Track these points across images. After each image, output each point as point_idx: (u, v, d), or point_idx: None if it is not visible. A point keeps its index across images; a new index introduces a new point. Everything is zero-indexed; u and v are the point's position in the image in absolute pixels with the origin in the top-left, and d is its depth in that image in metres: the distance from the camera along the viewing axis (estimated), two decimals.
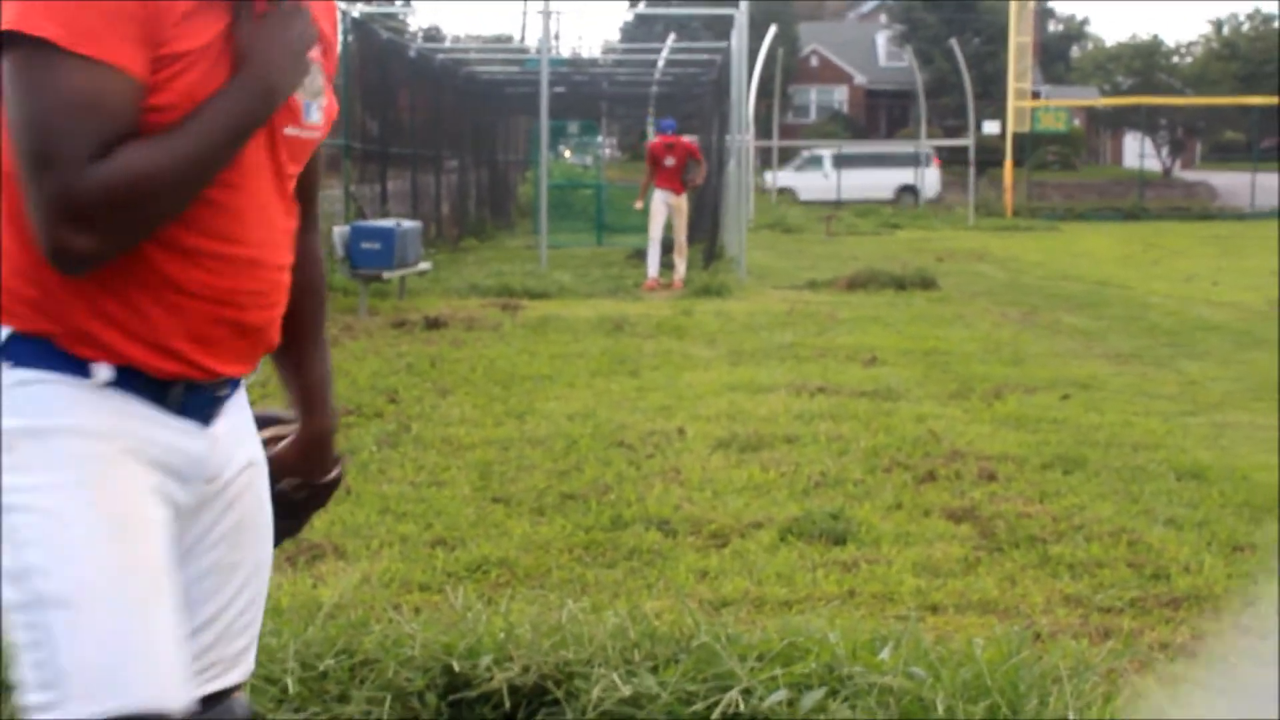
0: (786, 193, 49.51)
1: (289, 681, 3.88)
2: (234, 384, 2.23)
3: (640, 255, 23.37)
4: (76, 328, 1.97)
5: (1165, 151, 65.12)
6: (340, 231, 16.01)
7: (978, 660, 3.91)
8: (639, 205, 20.05)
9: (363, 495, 7.03)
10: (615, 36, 74.36)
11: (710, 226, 21.99)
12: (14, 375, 1.96)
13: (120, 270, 1.95)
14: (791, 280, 19.53)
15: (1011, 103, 42.66)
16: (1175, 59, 72.04)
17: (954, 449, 8.15)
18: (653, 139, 21.82)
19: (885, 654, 4.02)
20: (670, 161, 18.98)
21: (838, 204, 45.98)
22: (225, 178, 2.00)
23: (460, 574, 5.73)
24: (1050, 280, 20.72)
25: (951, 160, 53.12)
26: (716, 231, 22.29)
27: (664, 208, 19.02)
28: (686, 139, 19.99)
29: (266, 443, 2.41)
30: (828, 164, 50.42)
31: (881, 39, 71.73)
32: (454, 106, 29.86)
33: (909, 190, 49.72)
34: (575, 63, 33.48)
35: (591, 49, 72.38)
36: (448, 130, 29.03)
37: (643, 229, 21.70)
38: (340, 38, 19.35)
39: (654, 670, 4.00)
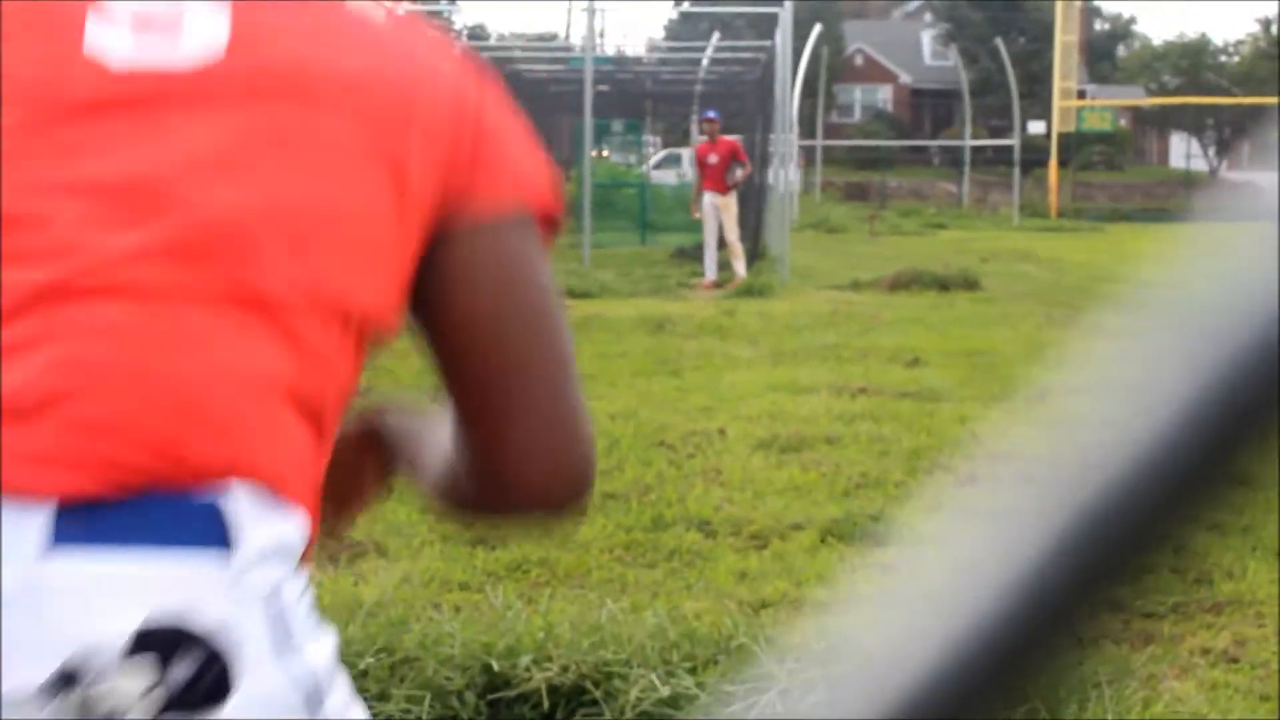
0: None
1: None
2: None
3: (683, 254, 23.40)
4: None
5: (1212, 152, 64.71)
6: None
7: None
8: (696, 214, 19.90)
9: (404, 493, 7.05)
10: (659, 35, 74.40)
11: (753, 226, 21.97)
12: None
13: None
14: (834, 280, 19.49)
15: (1057, 102, 42.48)
16: (1223, 58, 71.57)
17: (997, 451, 8.12)
18: (698, 140, 21.83)
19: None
20: (714, 159, 18.98)
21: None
22: None
23: (500, 573, 5.75)
24: (1095, 282, 20.62)
25: (996, 160, 52.92)
26: (759, 231, 22.27)
27: (711, 209, 19.03)
28: (729, 138, 19.96)
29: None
30: (686, 163, 48.58)
31: (926, 38, 71.52)
32: None
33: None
34: (619, 61, 33.48)
35: (636, 47, 72.37)
36: None
37: (685, 228, 21.72)
38: None
39: (693, 671, 4.01)
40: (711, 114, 19.68)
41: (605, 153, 36.44)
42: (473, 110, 1.53)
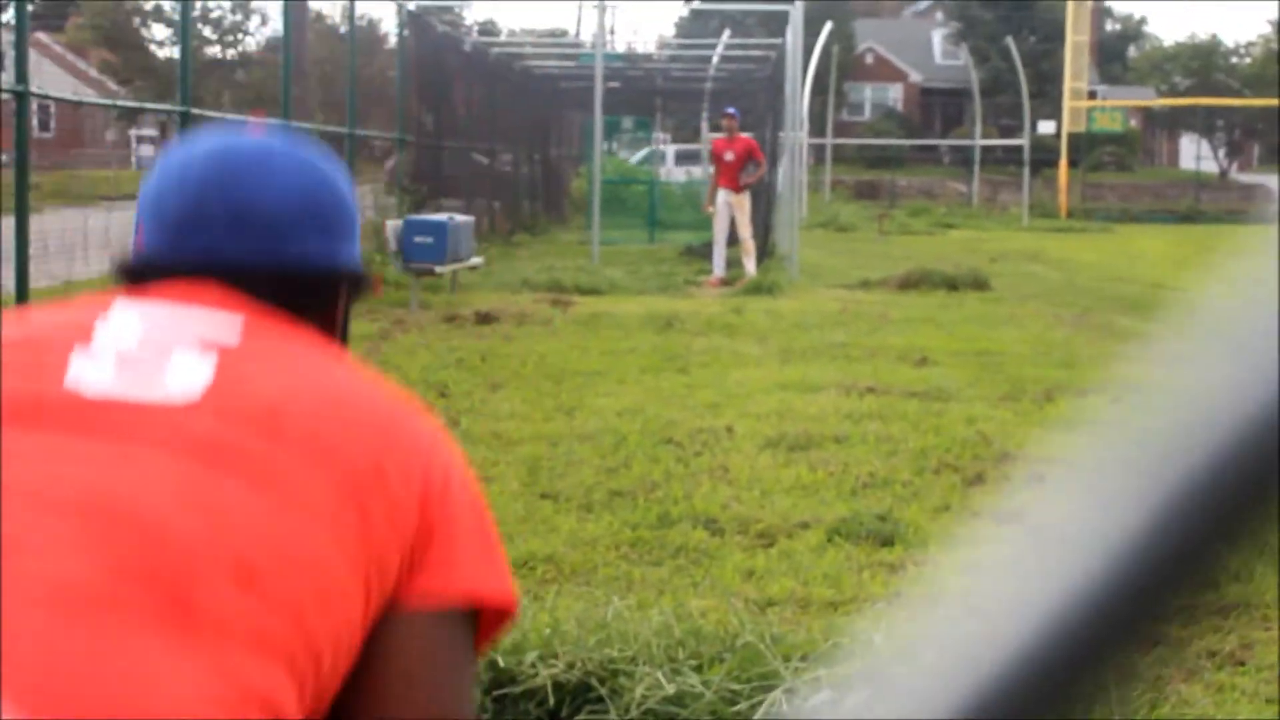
0: None
1: None
2: None
3: (691, 251, 23.40)
4: None
5: (1222, 153, 64.61)
6: (393, 225, 16.09)
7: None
8: (709, 209, 19.85)
9: None
10: (670, 32, 74.39)
11: (762, 225, 21.97)
12: None
13: None
14: (843, 279, 19.48)
15: (1067, 102, 42.41)
16: (1234, 59, 71.46)
17: (1004, 451, 8.12)
18: (709, 137, 21.80)
19: (929, 658, 4.00)
20: (730, 156, 18.99)
21: None
22: None
23: None
24: (1104, 282, 20.60)
25: (1006, 160, 52.86)
26: (769, 230, 22.26)
27: (724, 206, 19.05)
28: (747, 136, 19.95)
29: None
30: (670, 159, 48.03)
31: (937, 36, 71.43)
32: (508, 101, 29.94)
33: None
34: (630, 58, 33.47)
35: (646, 44, 72.31)
36: (501, 125, 29.11)
37: (695, 226, 21.69)
38: (397, 34, 19.27)
39: (698, 669, 4.01)
40: (731, 110, 19.68)
41: (619, 153, 36.43)
42: (439, 492, 1.60)
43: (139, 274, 1.74)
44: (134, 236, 1.78)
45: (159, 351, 1.54)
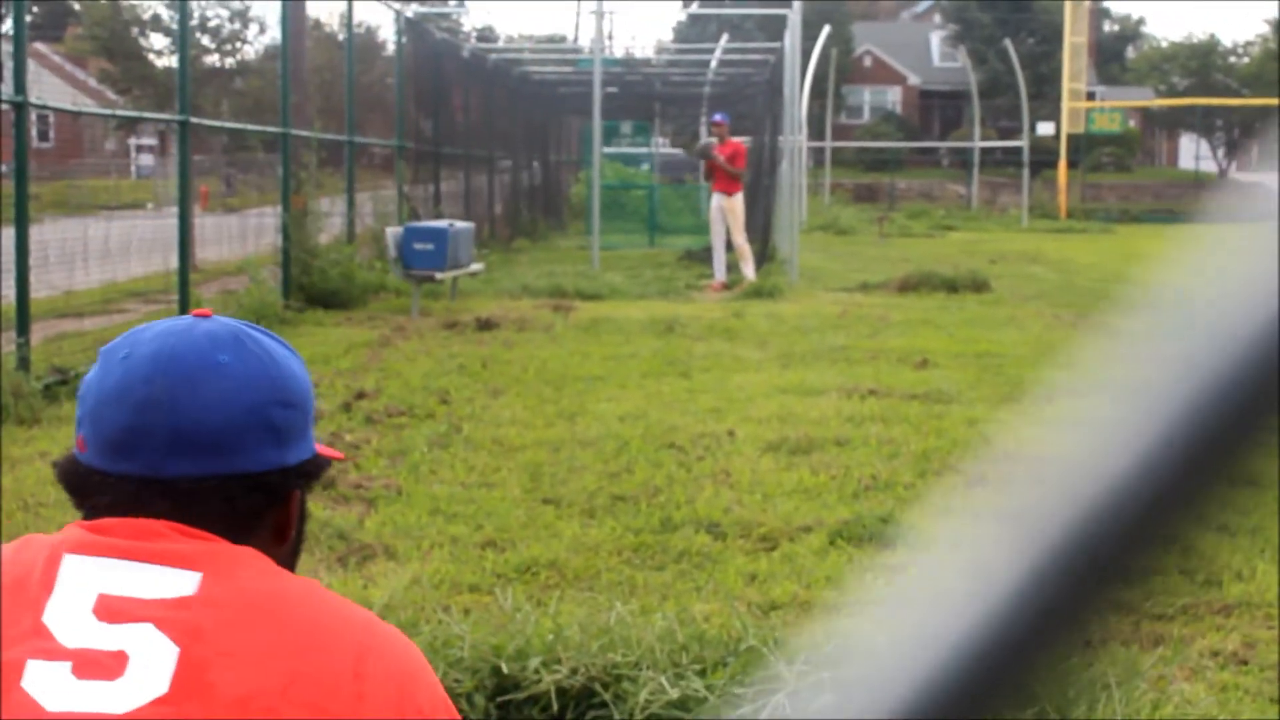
0: None
1: None
2: None
3: (691, 256, 23.42)
4: None
5: (1221, 153, 64.60)
6: (393, 232, 16.10)
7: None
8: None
9: (414, 496, 7.07)
10: (668, 36, 74.42)
11: (762, 228, 21.98)
12: None
13: None
14: (843, 282, 19.49)
15: (1066, 103, 42.42)
16: (1232, 59, 71.44)
17: (1005, 453, 8.12)
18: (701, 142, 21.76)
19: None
20: (720, 159, 18.99)
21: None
22: None
23: (510, 575, 5.76)
24: (1103, 283, 20.60)
25: (1005, 161, 52.87)
26: (768, 233, 22.27)
27: (718, 212, 19.08)
28: (737, 140, 19.94)
29: None
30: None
31: (935, 39, 71.43)
32: (507, 107, 29.96)
33: None
34: (628, 63, 33.50)
35: (644, 49, 72.34)
36: (501, 131, 29.12)
37: (694, 231, 21.68)
38: (395, 41, 19.24)
39: (702, 673, 4.01)
40: (719, 117, 19.68)
41: (646, 168, 36.40)
42: None
43: (81, 484, 1.68)
44: (76, 434, 1.71)
45: (117, 640, 1.50)
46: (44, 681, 1.47)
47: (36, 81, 11.61)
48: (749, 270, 19.11)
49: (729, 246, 19.32)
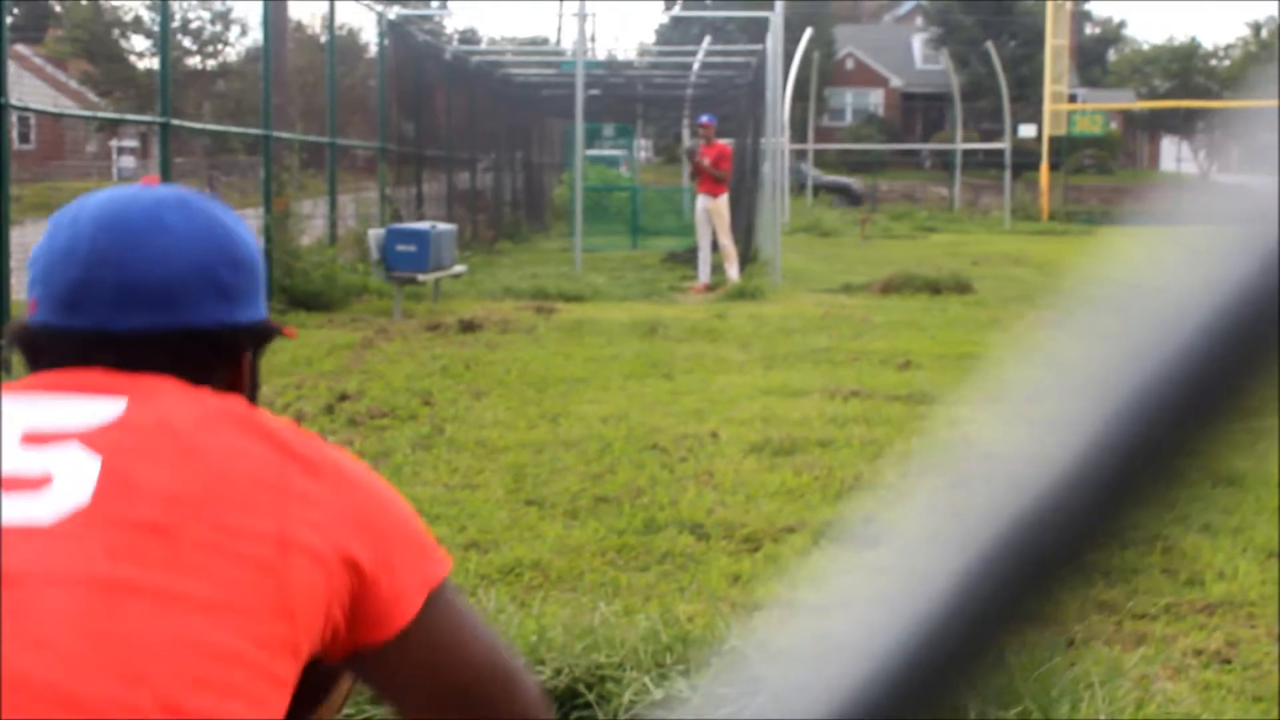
0: None
1: None
2: None
3: (674, 258, 23.43)
4: None
5: (1203, 155, 64.80)
6: (375, 234, 16.08)
7: (1010, 666, 3.90)
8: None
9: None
10: (650, 39, 74.41)
11: (745, 230, 22.00)
12: None
13: None
14: (826, 284, 19.51)
15: (1048, 106, 42.51)
16: (1213, 62, 71.68)
17: (988, 454, 8.12)
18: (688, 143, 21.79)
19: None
20: (705, 162, 19.02)
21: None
22: None
23: (493, 576, 5.75)
24: (1087, 284, 20.61)
25: (987, 163, 52.97)
26: (751, 235, 22.29)
27: (704, 213, 19.11)
28: (722, 143, 19.95)
29: None
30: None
31: (917, 42, 71.59)
32: (489, 109, 29.94)
33: None
34: (610, 65, 33.49)
35: (627, 51, 72.34)
36: (483, 132, 29.10)
37: (677, 232, 21.66)
38: (377, 43, 19.19)
39: (685, 674, 4.01)
40: (706, 119, 19.69)
41: (624, 169, 36.39)
42: (357, 526, 1.60)
43: (32, 344, 1.71)
44: (28, 299, 1.74)
45: (43, 461, 1.51)
46: None
47: (17, 83, 11.58)
48: (734, 272, 19.13)
49: (714, 248, 19.34)
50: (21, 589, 1.41)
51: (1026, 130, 48.03)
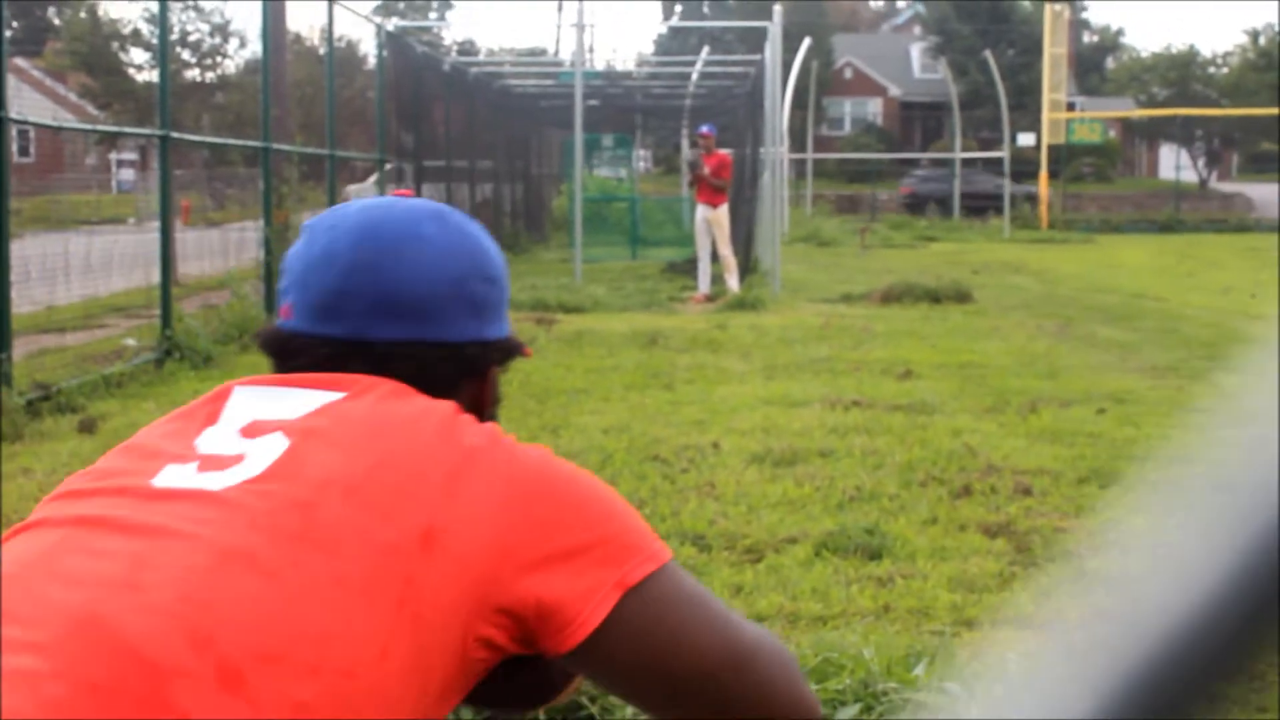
0: None
1: None
2: None
3: (673, 268, 23.43)
4: None
5: (1201, 163, 64.82)
6: None
7: (1012, 676, 3.90)
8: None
9: None
10: (649, 49, 74.46)
11: (744, 240, 22.00)
12: None
13: None
14: (826, 294, 19.51)
15: (1046, 114, 42.54)
16: (1211, 69, 71.69)
17: (989, 463, 8.12)
18: (689, 153, 21.79)
19: (920, 670, 4.01)
20: (705, 171, 19.01)
21: None
22: None
23: None
24: (1086, 293, 20.65)
25: (986, 172, 52.99)
26: (751, 245, 22.29)
27: (704, 223, 19.10)
28: (723, 152, 19.96)
29: None
30: (409, 178, 46.32)
31: (916, 51, 71.63)
32: (488, 120, 29.96)
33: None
34: (609, 76, 33.53)
35: (626, 62, 72.45)
36: (482, 143, 29.12)
37: (677, 243, 21.63)
38: (376, 55, 19.19)
39: None
40: (706, 128, 19.69)
41: (623, 172, 36.32)
42: (524, 522, 1.56)
43: (284, 349, 1.73)
44: (279, 305, 1.77)
45: (245, 446, 1.55)
46: (169, 475, 1.53)
47: (16, 96, 11.58)
48: (734, 282, 19.12)
49: (714, 258, 19.34)
50: (158, 539, 1.45)
51: (1025, 139, 48.06)
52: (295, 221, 16.77)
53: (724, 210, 19.19)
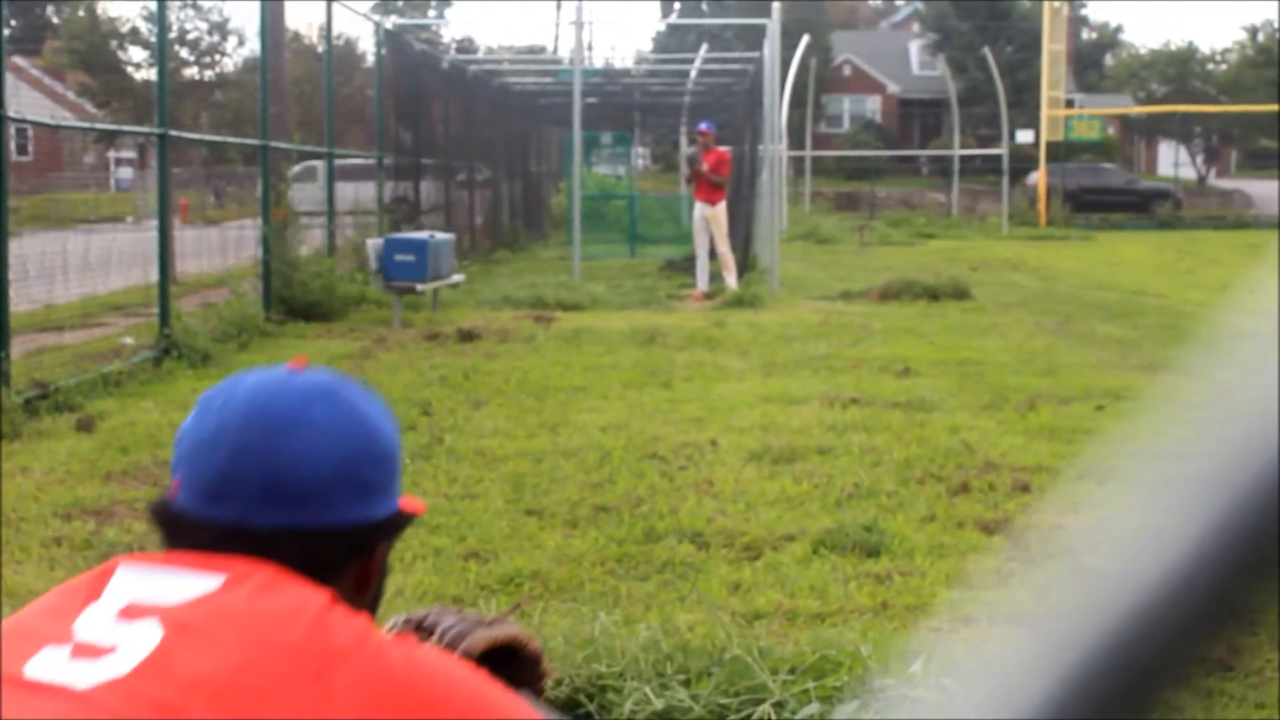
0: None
1: None
2: None
3: (672, 266, 23.42)
4: None
5: (1200, 159, 64.81)
6: (374, 244, 16.08)
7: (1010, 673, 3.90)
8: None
9: None
10: (648, 47, 74.48)
11: (743, 237, 21.99)
12: None
13: None
14: (824, 291, 19.51)
15: (1045, 111, 42.53)
16: (1210, 66, 71.69)
17: (987, 460, 8.12)
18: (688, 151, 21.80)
19: (917, 667, 4.01)
20: (704, 166, 19.02)
21: (331, 215, 45.77)
22: None
23: (493, 587, 5.74)
24: (1084, 289, 20.65)
25: (985, 169, 52.97)
26: (749, 242, 22.28)
27: (701, 221, 19.11)
28: (722, 149, 19.95)
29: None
30: (322, 175, 46.38)
31: (914, 48, 71.58)
32: (487, 118, 29.94)
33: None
34: (608, 73, 33.51)
35: (624, 59, 72.44)
36: (481, 141, 29.11)
37: (675, 240, 21.60)
38: (374, 52, 19.20)
39: (686, 683, 4.00)
40: (704, 126, 19.68)
41: (622, 170, 36.33)
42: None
43: (173, 526, 1.72)
44: (171, 477, 1.76)
45: (119, 634, 1.54)
46: (43, 662, 1.52)
47: (15, 95, 11.58)
48: (732, 280, 19.12)
49: (713, 255, 19.34)
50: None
51: (1024, 135, 48.02)
52: (294, 219, 16.78)
53: (722, 208, 19.19)
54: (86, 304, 14.95)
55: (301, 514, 1.68)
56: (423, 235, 16.62)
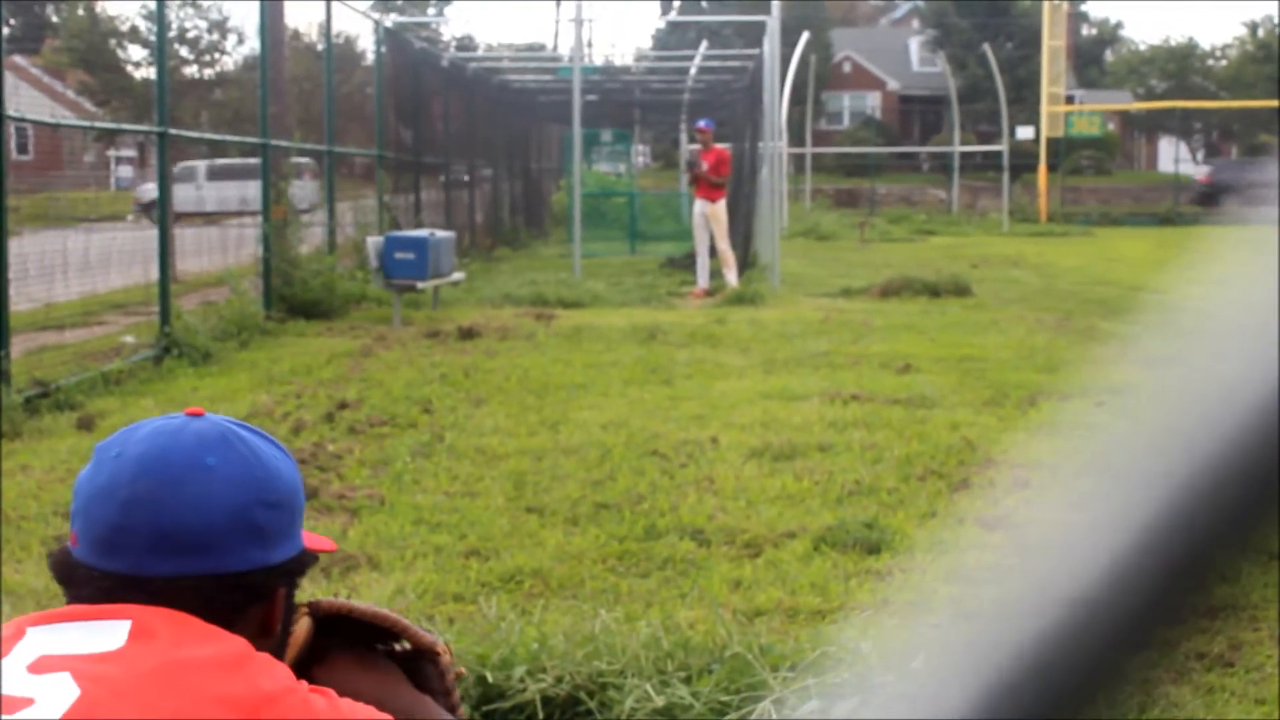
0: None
1: None
2: None
3: (672, 263, 23.42)
4: None
5: (1201, 155, 64.80)
6: (374, 242, 16.07)
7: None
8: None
9: (397, 506, 7.05)
10: (647, 44, 74.45)
11: (743, 235, 21.99)
12: None
13: None
14: (825, 288, 19.50)
15: (1045, 107, 42.52)
16: (1210, 62, 71.68)
17: (988, 457, 8.12)
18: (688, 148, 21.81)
19: (918, 664, 4.00)
20: (703, 167, 19.03)
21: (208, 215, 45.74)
22: None
23: (494, 584, 5.74)
24: (1085, 286, 20.64)
25: (985, 166, 52.98)
26: (750, 239, 22.28)
27: (701, 218, 19.12)
28: (720, 147, 19.94)
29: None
30: (201, 175, 44.79)
31: (914, 44, 71.55)
32: (487, 115, 29.94)
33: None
34: (608, 70, 33.47)
35: (624, 57, 72.37)
36: (481, 139, 29.10)
37: (675, 238, 21.58)
38: (374, 50, 19.19)
39: (687, 681, 4.00)
40: (703, 123, 19.68)
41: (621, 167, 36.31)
42: None
43: (70, 577, 1.73)
44: (71, 527, 1.76)
45: (32, 687, 1.54)
46: None
47: (14, 94, 11.57)
48: (732, 277, 19.13)
49: (713, 253, 19.34)
50: None
51: (1024, 132, 48.01)
52: (294, 218, 16.77)
53: (722, 205, 19.19)
54: (87, 303, 14.94)
55: (194, 562, 1.68)
56: (423, 233, 16.62)
